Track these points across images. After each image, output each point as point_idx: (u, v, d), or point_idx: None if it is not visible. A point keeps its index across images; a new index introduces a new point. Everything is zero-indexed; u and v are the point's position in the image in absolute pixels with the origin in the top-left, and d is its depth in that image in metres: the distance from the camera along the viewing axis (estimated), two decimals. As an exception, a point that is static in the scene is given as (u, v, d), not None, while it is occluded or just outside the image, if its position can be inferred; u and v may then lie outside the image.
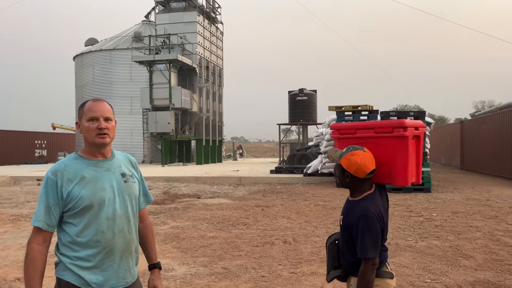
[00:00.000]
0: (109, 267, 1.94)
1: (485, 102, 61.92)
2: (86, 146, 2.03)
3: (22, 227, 7.61)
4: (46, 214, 1.89)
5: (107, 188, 1.96)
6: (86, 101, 2.04)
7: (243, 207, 9.50)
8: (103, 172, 1.99)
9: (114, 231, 1.95)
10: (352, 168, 2.24)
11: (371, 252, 2.14)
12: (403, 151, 2.33)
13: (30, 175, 17.04)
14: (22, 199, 11.28)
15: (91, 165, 1.98)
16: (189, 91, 24.82)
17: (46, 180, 1.93)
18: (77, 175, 1.93)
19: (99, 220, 1.92)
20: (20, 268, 5.11)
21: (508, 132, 15.38)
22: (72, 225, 1.92)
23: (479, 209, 8.86)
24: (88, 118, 1.96)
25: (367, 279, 2.15)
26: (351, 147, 2.30)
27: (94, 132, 1.95)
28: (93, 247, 1.91)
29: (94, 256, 1.91)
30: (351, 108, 14.16)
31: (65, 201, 1.90)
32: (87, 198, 1.91)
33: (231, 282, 4.55)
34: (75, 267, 1.91)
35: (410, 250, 5.72)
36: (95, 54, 28.85)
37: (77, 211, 1.91)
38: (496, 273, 4.76)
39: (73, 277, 1.91)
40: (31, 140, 30.99)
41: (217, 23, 29.51)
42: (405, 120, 2.36)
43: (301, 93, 25.49)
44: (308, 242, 6.22)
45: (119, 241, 1.97)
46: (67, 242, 1.93)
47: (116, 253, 1.96)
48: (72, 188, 1.91)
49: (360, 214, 2.18)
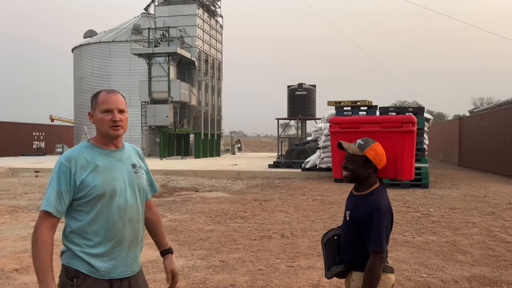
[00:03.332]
0: (118, 256, 1.97)
1: (484, 99, 61.99)
2: (98, 136, 2.04)
3: (20, 219, 7.61)
4: (57, 200, 1.88)
5: (119, 178, 1.99)
6: (99, 92, 2.05)
7: (241, 201, 9.52)
8: (115, 162, 2.01)
9: (124, 221, 1.98)
10: (378, 159, 2.25)
11: (384, 245, 2.15)
12: (410, 145, 2.37)
13: (28, 167, 17.02)
14: (20, 190, 11.28)
15: (104, 154, 2.00)
16: (188, 85, 24.75)
17: (59, 166, 1.92)
18: (90, 163, 1.94)
19: (111, 209, 1.94)
20: (18, 259, 5.12)
21: (506, 129, 15.41)
22: (83, 213, 1.93)
23: (476, 205, 8.89)
24: (103, 110, 1.98)
25: (376, 273, 2.15)
26: (369, 139, 2.29)
27: (108, 124, 1.98)
28: (104, 235, 1.93)
29: (105, 244, 1.94)
30: (350, 103, 14.16)
31: (77, 189, 1.91)
32: (100, 187, 1.92)
33: (229, 275, 4.56)
34: (85, 255, 1.92)
35: (407, 245, 5.74)
36: (94, 46, 28.71)
37: (89, 199, 1.92)
38: (492, 268, 4.79)
39: (82, 264, 1.92)
40: (29, 132, 30.91)
41: (217, 16, 29.38)
42: (413, 116, 2.40)
43: (300, 88, 25.44)
44: (305, 236, 6.24)
45: (129, 231, 2.00)
46: (77, 230, 1.93)
47: (125, 242, 1.99)
48: (86, 176, 1.91)
49: (372, 208, 2.17)
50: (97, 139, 2.04)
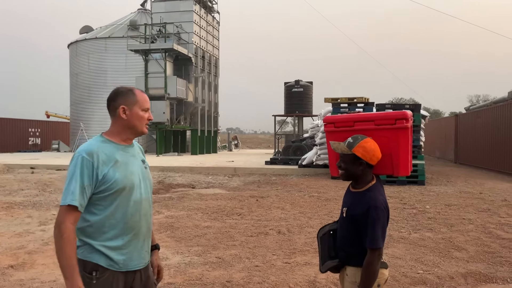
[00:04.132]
0: (134, 248, 2.03)
1: (480, 96, 62.21)
2: (120, 132, 2.07)
3: (16, 215, 7.58)
4: (80, 194, 1.90)
5: (135, 173, 2.05)
6: (130, 88, 2.10)
7: (238, 198, 9.52)
8: (130, 158, 2.08)
9: (140, 214, 2.05)
10: (368, 155, 2.24)
11: (381, 242, 2.16)
12: (405, 141, 2.36)
13: (23, 163, 16.95)
14: (16, 187, 11.23)
15: (120, 149, 2.05)
16: (184, 81, 24.69)
17: (81, 161, 1.93)
18: (110, 158, 1.98)
19: (129, 203, 2.00)
20: (13, 256, 5.10)
21: (502, 127, 15.47)
22: (101, 207, 1.96)
23: (472, 202, 8.92)
24: (143, 108, 2.08)
25: (373, 269, 2.16)
26: (359, 136, 2.29)
27: (145, 122, 2.09)
28: (122, 228, 1.99)
29: (123, 237, 1.99)
30: (347, 100, 14.16)
31: (99, 183, 1.94)
32: (120, 181, 1.97)
33: (225, 271, 4.56)
34: (104, 248, 1.96)
35: (403, 242, 5.76)
36: (90, 42, 28.56)
37: (110, 193, 1.95)
38: (488, 265, 4.81)
39: (101, 258, 1.96)
40: (25, 128, 30.77)
41: (214, 12, 29.28)
42: (407, 112, 2.38)
43: (297, 84, 25.42)
44: (302, 233, 6.25)
45: (143, 224, 2.07)
46: (96, 224, 1.96)
47: (140, 235, 2.06)
48: (108, 170, 1.95)
49: (370, 205, 2.18)
50: (115, 135, 2.07)
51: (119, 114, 2.05)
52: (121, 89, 2.10)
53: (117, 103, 2.05)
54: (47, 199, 9.28)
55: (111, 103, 2.08)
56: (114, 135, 2.07)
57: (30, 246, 5.58)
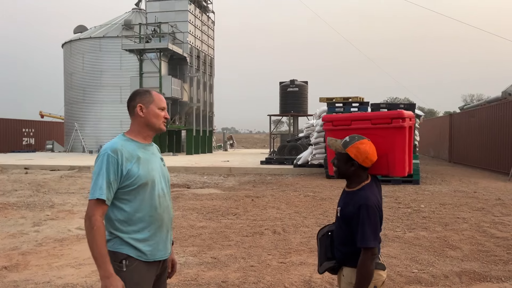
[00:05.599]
0: (159, 239, 2.18)
1: (474, 95, 62.62)
2: (141, 130, 2.21)
3: (9, 216, 7.53)
4: (107, 188, 2.03)
5: (155, 169, 2.20)
6: (147, 89, 2.27)
7: (233, 197, 9.51)
8: (150, 155, 2.21)
9: (163, 208, 2.19)
10: (361, 157, 2.23)
11: (372, 241, 2.14)
12: (401, 141, 2.35)
13: (17, 164, 16.84)
14: (9, 187, 11.16)
15: (141, 147, 2.18)
16: (179, 81, 24.64)
17: (107, 158, 2.06)
18: (133, 155, 2.12)
19: (152, 197, 2.14)
20: (7, 257, 5.07)
21: (495, 126, 15.56)
22: (127, 202, 2.10)
23: (466, 201, 8.97)
24: (160, 107, 2.23)
25: (366, 269, 2.14)
26: (356, 136, 2.28)
27: (162, 120, 2.23)
28: (148, 221, 2.12)
29: (149, 230, 2.13)
30: (342, 100, 14.19)
31: (123, 178, 2.07)
32: (144, 176, 2.11)
33: (220, 271, 4.55)
34: (133, 241, 2.09)
35: (398, 241, 5.77)
36: (84, 41, 28.43)
37: (134, 188, 2.09)
38: (482, 263, 4.83)
39: (131, 249, 2.09)
40: (18, 128, 30.58)
41: (209, 12, 29.24)
42: (403, 111, 2.37)
43: (292, 84, 25.44)
44: (297, 233, 6.25)
45: (166, 217, 2.22)
46: (124, 218, 2.09)
47: (164, 227, 2.20)
48: (131, 166, 2.09)
49: (360, 204, 2.17)
50: (137, 133, 2.21)
51: (137, 112, 2.20)
52: (139, 90, 2.28)
53: (135, 102, 2.21)
54: (41, 199, 9.23)
55: (130, 103, 2.23)
56: (135, 134, 2.20)
57: (23, 247, 5.54)
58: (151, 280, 2.18)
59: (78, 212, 7.91)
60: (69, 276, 4.47)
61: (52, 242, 5.78)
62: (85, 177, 13.28)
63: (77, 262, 4.92)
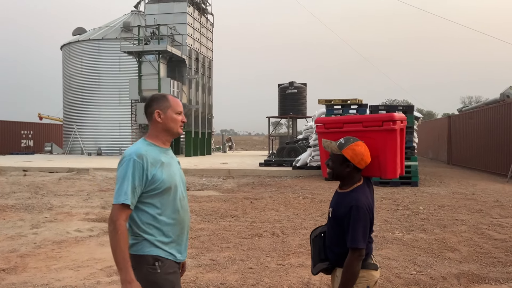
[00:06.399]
0: (182, 241, 2.25)
1: (473, 97, 62.71)
2: (160, 135, 2.25)
3: (8, 218, 7.52)
4: (132, 193, 2.07)
5: (176, 173, 2.26)
6: (163, 94, 2.31)
7: (232, 200, 9.51)
8: (171, 159, 2.27)
9: (184, 210, 2.27)
10: (356, 158, 2.25)
11: (361, 242, 2.16)
12: (392, 144, 2.36)
13: (16, 166, 16.82)
14: (8, 189, 11.14)
15: (163, 152, 2.23)
16: (178, 83, 24.63)
17: (133, 163, 2.10)
18: (156, 160, 2.16)
19: (175, 201, 2.20)
20: (5, 259, 5.06)
21: (494, 128, 15.59)
22: (152, 206, 2.14)
23: (464, 203, 8.98)
24: (177, 112, 2.27)
25: (353, 270, 2.16)
26: (351, 138, 2.31)
27: (179, 124, 2.28)
28: (172, 224, 2.19)
29: (174, 232, 2.19)
30: (340, 102, 14.20)
31: (148, 183, 2.11)
32: (167, 181, 2.16)
33: (219, 273, 4.56)
34: (160, 243, 2.15)
35: (397, 243, 5.78)
36: (83, 44, 28.44)
37: (158, 192, 2.14)
38: (480, 265, 4.84)
39: (160, 251, 2.15)
40: (17, 130, 30.55)
41: (207, 14, 29.26)
42: (394, 114, 2.39)
43: (291, 86, 25.46)
44: (296, 235, 6.25)
45: (186, 219, 2.29)
46: (150, 221, 2.14)
47: (185, 229, 2.28)
48: (156, 171, 2.13)
49: (351, 205, 2.20)
50: (157, 138, 2.25)
51: (155, 118, 2.24)
52: (155, 95, 2.31)
53: (152, 108, 2.25)
54: (39, 202, 9.22)
55: (147, 109, 2.27)
56: (155, 138, 2.24)
57: (22, 249, 5.53)
58: (179, 280, 2.26)
59: (76, 214, 7.90)
60: (67, 278, 4.46)
61: (51, 245, 5.78)
62: (84, 179, 13.27)
63: (75, 265, 4.92)
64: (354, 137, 2.33)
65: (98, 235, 6.38)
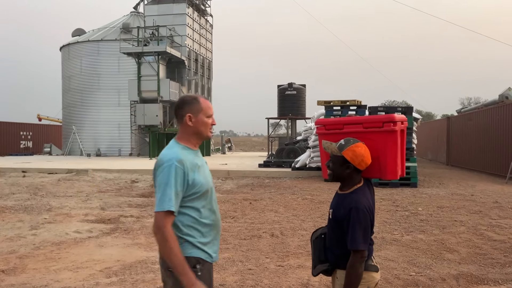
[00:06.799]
0: (217, 242, 2.29)
1: (472, 99, 62.75)
2: (191, 138, 2.24)
3: (7, 219, 7.51)
4: (175, 199, 2.08)
5: (209, 175, 2.29)
6: (195, 96, 2.27)
7: (231, 201, 9.51)
8: (203, 162, 2.29)
9: (218, 212, 2.31)
10: (357, 160, 2.25)
11: (361, 244, 2.16)
12: (393, 145, 2.37)
13: (15, 167, 16.80)
14: (7, 191, 11.13)
15: (195, 155, 2.25)
16: (177, 84, 24.64)
17: (174, 169, 2.09)
18: (194, 164, 2.18)
19: (211, 203, 2.25)
20: (4, 260, 5.06)
21: (493, 129, 15.61)
22: (193, 208, 2.16)
23: (463, 204, 8.99)
24: (208, 115, 2.25)
25: (355, 271, 2.16)
26: (351, 139, 2.31)
27: (209, 127, 2.27)
28: (210, 225, 2.22)
29: (210, 233, 2.23)
30: (339, 103, 14.21)
31: (189, 187, 2.13)
32: (206, 184, 2.20)
33: (218, 274, 4.55)
34: (201, 244, 2.18)
35: (396, 244, 5.78)
36: (82, 45, 28.43)
37: (199, 195, 2.16)
38: (479, 266, 4.85)
39: (201, 252, 2.18)
40: (16, 132, 30.51)
41: (207, 15, 29.28)
42: (395, 115, 2.39)
43: (290, 87, 25.47)
44: (295, 236, 6.26)
45: (219, 220, 2.33)
46: (192, 224, 2.16)
47: (219, 229, 2.33)
48: (195, 176, 2.15)
49: (351, 206, 2.20)
50: (188, 141, 2.24)
51: (186, 121, 2.22)
52: (186, 98, 2.27)
53: (184, 111, 2.22)
54: (38, 203, 9.21)
55: (178, 111, 2.25)
56: (186, 141, 2.24)
57: (21, 250, 5.53)
58: (213, 282, 2.30)
59: (75, 216, 7.90)
60: (66, 279, 4.46)
61: (50, 246, 5.77)
62: (83, 180, 13.26)
63: (74, 266, 4.91)
64: (355, 138, 2.33)
65: (97, 236, 6.38)
